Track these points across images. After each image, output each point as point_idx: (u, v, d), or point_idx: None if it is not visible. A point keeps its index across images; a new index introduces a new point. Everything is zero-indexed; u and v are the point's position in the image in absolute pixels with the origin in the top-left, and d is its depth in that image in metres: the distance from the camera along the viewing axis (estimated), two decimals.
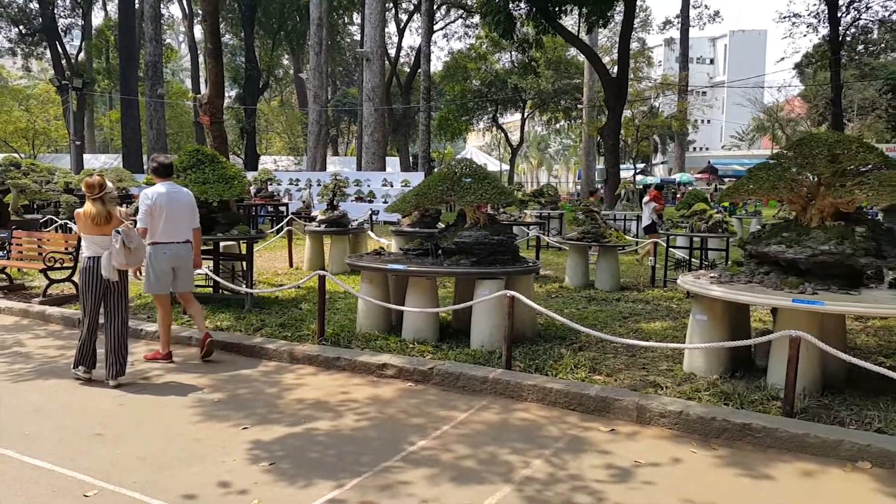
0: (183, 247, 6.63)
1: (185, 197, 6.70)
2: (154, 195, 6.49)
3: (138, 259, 6.03)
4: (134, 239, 5.87)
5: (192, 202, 6.76)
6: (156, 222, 6.47)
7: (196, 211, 6.81)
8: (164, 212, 6.47)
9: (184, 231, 6.63)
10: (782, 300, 5.10)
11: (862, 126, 44.04)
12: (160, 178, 6.66)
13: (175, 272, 6.62)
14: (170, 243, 6.53)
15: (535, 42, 25.70)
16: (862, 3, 31.90)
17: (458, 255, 6.91)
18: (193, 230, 6.74)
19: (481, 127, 50.74)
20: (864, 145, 5.32)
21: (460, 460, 4.39)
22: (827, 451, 4.43)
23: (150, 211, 6.45)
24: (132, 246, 5.83)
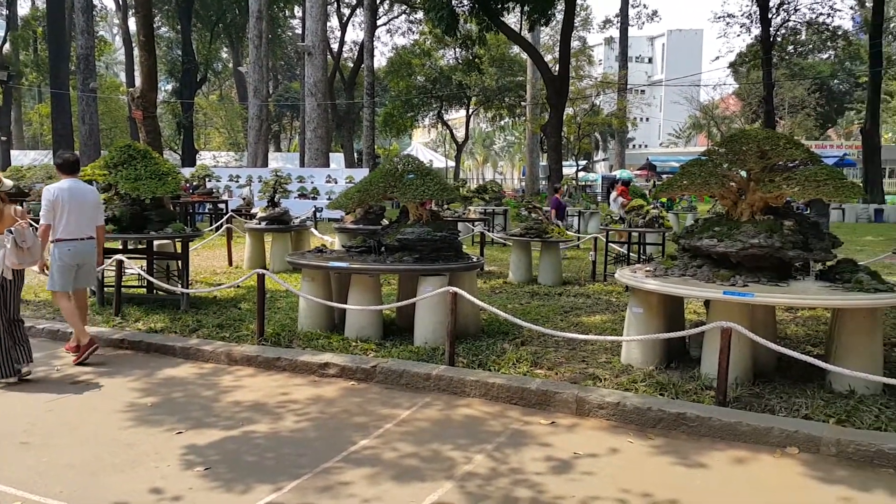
0: (87, 243, 6.54)
1: (88, 193, 6.62)
2: (56, 191, 6.38)
3: (34, 258, 5.93)
4: (28, 238, 5.74)
5: (96, 199, 6.71)
6: (58, 219, 6.35)
7: (100, 207, 6.77)
8: (67, 208, 6.36)
9: (87, 227, 6.54)
10: (714, 292, 5.25)
11: (793, 123, 45.79)
12: (64, 175, 6.57)
13: (78, 269, 6.51)
14: (73, 240, 6.43)
15: (479, 39, 25.80)
16: (791, 6, 33.16)
17: (401, 252, 6.87)
18: (97, 227, 6.68)
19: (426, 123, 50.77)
20: (791, 142, 5.52)
21: (402, 458, 4.37)
22: (758, 438, 4.58)
23: (53, 207, 6.33)
24: (26, 245, 5.70)
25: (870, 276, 5.36)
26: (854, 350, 5.29)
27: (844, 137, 54.16)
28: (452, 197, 7.24)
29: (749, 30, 35.74)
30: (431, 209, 7.46)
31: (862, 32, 39.16)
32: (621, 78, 40.66)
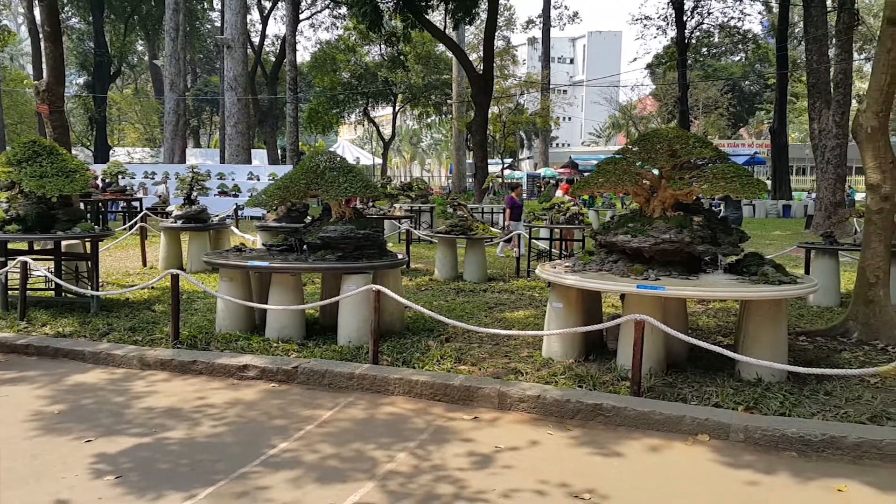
0: None
1: None
2: None
3: None
4: None
5: None
6: None
7: None
8: None
9: None
10: (628, 286, 5.41)
11: (706, 123, 47.72)
12: None
13: None
14: None
15: (404, 36, 25.73)
16: (704, 9, 34.54)
17: (324, 251, 6.78)
18: None
19: (353, 120, 50.24)
20: (700, 141, 5.74)
21: (324, 460, 4.32)
22: (671, 426, 4.75)
23: None
24: None
25: (775, 268, 5.64)
26: (760, 340, 5.56)
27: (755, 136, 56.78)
28: (376, 194, 7.18)
29: (665, 32, 37.07)
30: (355, 207, 7.39)
31: (770, 36, 41.21)
32: (544, 78, 41.40)
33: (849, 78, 18.91)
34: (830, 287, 8.93)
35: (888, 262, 7.03)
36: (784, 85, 31.27)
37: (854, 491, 3.91)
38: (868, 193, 7.01)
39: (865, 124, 6.90)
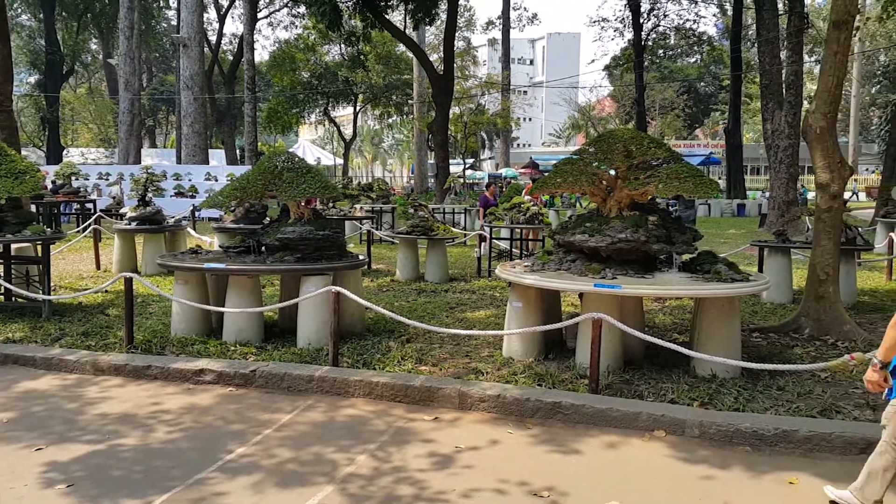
0: None
1: None
2: None
3: None
4: None
5: None
6: None
7: None
8: None
9: None
10: (586, 285, 5.48)
11: (663, 124, 48.54)
12: None
13: None
14: None
15: (364, 36, 25.63)
16: (661, 11, 35.13)
17: (282, 252, 6.71)
18: None
19: (313, 120, 49.82)
20: (654, 141, 5.84)
21: (282, 464, 4.27)
22: (628, 423, 4.81)
23: None
24: None
25: (727, 266, 5.76)
26: (714, 336, 5.68)
27: (711, 137, 57.97)
28: (335, 195, 7.13)
29: (622, 34, 37.59)
30: (314, 208, 7.32)
31: (724, 39, 42.11)
32: (504, 78, 41.61)
33: (800, 79, 19.42)
34: (783, 284, 9.17)
35: (837, 260, 7.25)
36: (738, 86, 31.97)
37: (805, 483, 4.01)
38: (818, 192, 7.22)
39: (815, 125, 7.10)
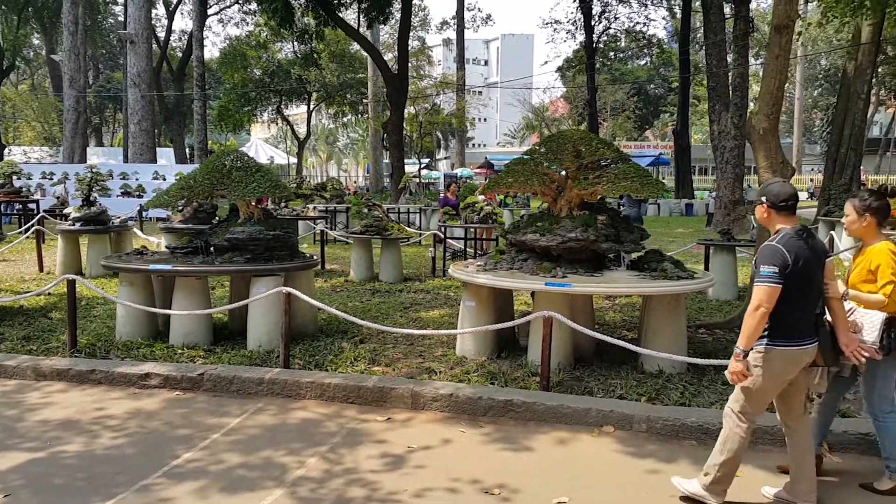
0: None
1: None
2: None
3: None
4: None
5: None
6: None
7: None
8: None
9: None
10: (537, 284, 5.53)
11: (614, 125, 49.32)
12: None
13: None
14: None
15: (317, 33, 25.36)
16: (611, 14, 35.69)
17: (232, 252, 6.59)
18: None
19: (266, 118, 49.11)
20: (602, 142, 5.94)
21: (231, 469, 4.20)
22: (578, 419, 4.88)
23: None
24: None
25: (673, 265, 5.89)
26: (661, 333, 5.80)
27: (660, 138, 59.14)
28: (286, 194, 7.04)
29: (574, 36, 38.15)
30: (265, 207, 7.22)
31: (673, 41, 43.03)
32: (459, 79, 41.71)
33: (746, 82, 19.94)
34: (728, 281, 9.41)
35: None
36: (686, 88, 32.69)
37: (749, 474, 4.12)
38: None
39: (758, 126, 7.29)
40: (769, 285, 3.40)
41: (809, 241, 3.52)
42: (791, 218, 3.59)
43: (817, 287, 3.58)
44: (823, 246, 3.64)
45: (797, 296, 3.47)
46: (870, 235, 3.94)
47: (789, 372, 3.56)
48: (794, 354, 3.53)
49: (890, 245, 3.86)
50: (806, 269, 3.46)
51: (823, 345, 3.61)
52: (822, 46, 43.65)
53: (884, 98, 37.22)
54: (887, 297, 3.73)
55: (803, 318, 3.54)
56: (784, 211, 3.59)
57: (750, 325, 3.46)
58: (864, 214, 3.91)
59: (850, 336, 3.68)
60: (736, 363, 3.50)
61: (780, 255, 3.42)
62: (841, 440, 4.47)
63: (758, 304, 3.42)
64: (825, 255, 3.61)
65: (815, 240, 3.57)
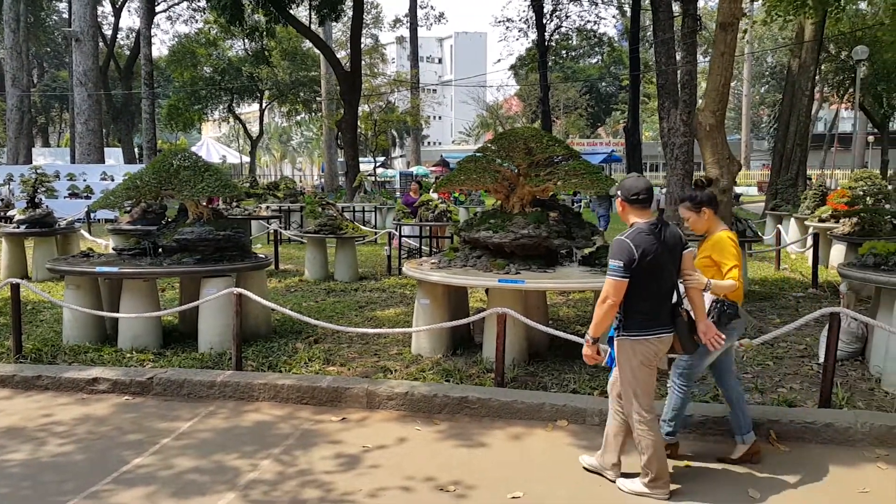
0: None
1: None
2: None
3: None
4: None
5: None
6: None
7: None
8: None
9: None
10: (490, 281, 5.56)
11: (567, 123, 49.86)
12: None
13: None
14: None
15: (267, 31, 24.97)
16: (563, 13, 36.04)
17: (181, 254, 6.47)
18: None
19: (217, 117, 48.21)
20: (553, 139, 5.99)
21: (182, 474, 4.12)
22: (532, 414, 4.92)
23: None
24: None
25: None
26: None
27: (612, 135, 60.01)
28: (235, 194, 6.93)
29: (526, 34, 38.36)
30: (215, 207, 7.10)
31: (623, 40, 43.70)
32: (413, 77, 41.62)
33: (694, 79, 20.27)
34: None
35: None
36: (637, 86, 33.20)
37: (697, 465, 4.22)
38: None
39: (704, 122, 7.47)
40: (615, 279, 3.57)
41: (661, 235, 3.65)
42: (644, 212, 3.73)
43: (669, 279, 3.72)
44: (678, 239, 3.77)
45: (647, 288, 3.62)
46: (713, 225, 4.13)
47: (650, 359, 3.72)
48: (655, 343, 3.69)
49: (728, 233, 4.06)
50: (655, 262, 3.60)
51: (681, 333, 3.77)
52: (768, 44, 44.88)
53: (827, 94, 38.42)
54: (736, 279, 3.92)
55: (656, 309, 3.69)
56: (637, 204, 3.72)
57: (597, 315, 3.66)
58: (700, 210, 4.09)
59: (707, 324, 3.84)
60: (586, 348, 3.75)
61: (627, 250, 3.57)
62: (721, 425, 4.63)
63: (605, 296, 3.61)
64: (681, 248, 3.76)
65: (668, 233, 3.69)
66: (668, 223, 3.76)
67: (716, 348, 3.87)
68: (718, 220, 4.14)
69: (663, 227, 3.67)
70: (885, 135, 34.16)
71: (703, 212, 4.08)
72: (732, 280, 3.92)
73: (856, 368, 5.81)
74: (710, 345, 3.82)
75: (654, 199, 3.77)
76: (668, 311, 3.74)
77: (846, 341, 5.90)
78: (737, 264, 3.95)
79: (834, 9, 16.86)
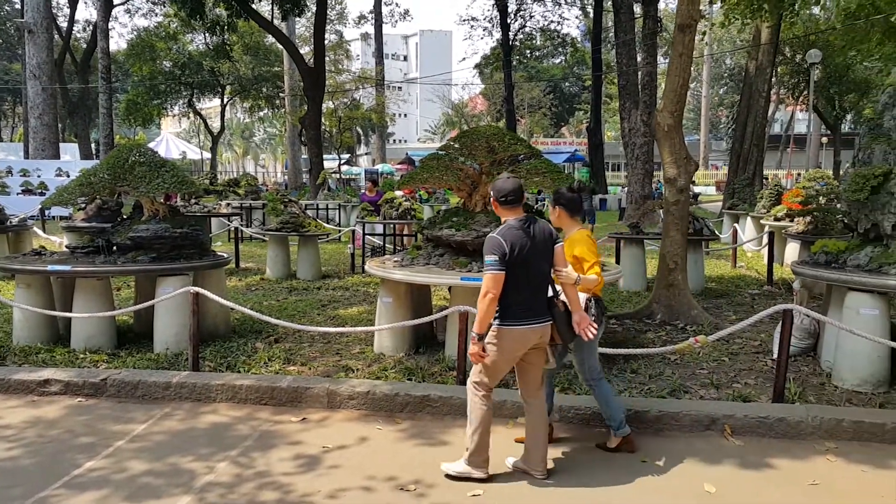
0: None
1: None
2: None
3: None
4: None
5: None
6: None
7: None
8: None
9: None
10: (453, 279, 5.55)
11: (531, 122, 50.17)
12: None
13: None
14: None
15: (229, 25, 24.59)
16: (527, 12, 36.26)
17: (136, 252, 6.32)
18: None
19: (177, 112, 47.35)
20: (514, 138, 6.01)
21: (135, 477, 4.03)
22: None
23: None
24: None
25: None
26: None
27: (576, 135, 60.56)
28: (192, 190, 6.81)
29: (491, 33, 38.49)
30: (172, 204, 6.96)
31: (586, 40, 44.10)
32: (378, 74, 41.46)
33: (654, 80, 20.67)
34: (638, 273, 9.74)
35: (685, 249, 7.78)
36: (599, 87, 33.61)
37: (654, 459, 4.27)
38: (666, 186, 7.70)
39: (662, 123, 7.56)
40: (492, 272, 3.71)
41: (531, 231, 3.80)
42: (514, 210, 3.88)
43: (540, 271, 3.86)
44: (548, 234, 3.89)
45: (520, 280, 3.76)
46: (565, 224, 4.33)
47: (518, 349, 3.87)
48: (522, 332, 3.83)
49: (585, 232, 4.27)
50: (525, 256, 3.75)
51: (559, 323, 3.92)
52: (726, 46, 45.77)
53: (783, 96, 39.34)
54: (598, 274, 4.11)
55: (530, 300, 3.84)
56: (507, 204, 3.88)
57: (481, 310, 3.76)
58: (555, 207, 4.30)
59: (581, 314, 3.99)
60: (472, 346, 3.82)
61: (499, 245, 3.71)
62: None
63: (485, 290, 3.73)
64: (551, 243, 3.89)
65: (538, 229, 3.84)
66: (538, 219, 3.93)
67: (589, 338, 4.02)
68: (574, 221, 4.31)
69: (533, 223, 3.84)
70: (838, 136, 35.14)
71: (556, 210, 4.29)
72: (595, 275, 4.10)
73: (808, 364, 5.95)
74: (584, 334, 3.97)
75: (523, 198, 3.93)
76: (542, 302, 3.89)
77: (799, 337, 6.04)
78: (597, 260, 4.16)
79: (789, 13, 17.26)
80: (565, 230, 4.33)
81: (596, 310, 4.21)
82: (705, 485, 3.93)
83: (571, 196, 4.30)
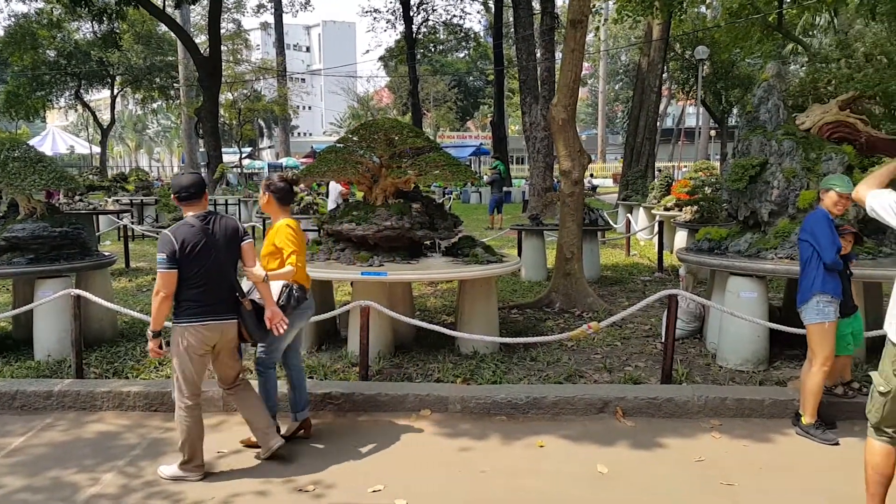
0: None
1: None
2: None
3: None
4: None
5: None
6: None
7: None
8: None
9: None
10: (353, 274, 5.49)
11: (437, 116, 50.36)
12: None
13: None
14: None
15: (118, 13, 23.28)
16: (429, 6, 36.30)
17: (11, 253, 5.89)
18: None
19: (63, 104, 44.52)
20: (413, 131, 5.99)
21: (12, 493, 3.76)
22: (396, 405, 4.91)
23: None
24: None
25: (484, 249, 6.10)
26: (475, 315, 5.99)
27: (481, 129, 61.23)
28: (73, 186, 6.41)
29: (395, 26, 38.28)
30: (51, 202, 6.53)
31: (488, 35, 44.62)
32: (279, 65, 40.45)
33: (552, 75, 21.09)
34: (538, 263, 9.95)
35: (581, 239, 8.01)
36: (501, 81, 34.10)
37: (551, 444, 4.38)
38: (562, 179, 7.90)
39: (557, 117, 7.74)
40: (162, 270, 3.71)
41: (210, 227, 3.81)
42: (193, 206, 3.87)
43: (221, 267, 3.84)
44: (232, 231, 3.91)
45: (194, 277, 3.75)
46: (272, 211, 4.37)
47: (201, 347, 3.83)
48: (198, 330, 3.79)
49: (289, 222, 4.27)
50: (200, 252, 3.74)
51: (247, 322, 3.94)
52: (621, 42, 47.46)
53: (674, 91, 41.19)
54: (294, 265, 4.14)
55: (209, 297, 3.80)
56: (185, 200, 3.88)
57: (153, 308, 3.78)
58: (265, 193, 4.33)
59: (273, 310, 4.02)
60: (150, 342, 3.83)
61: (169, 242, 3.71)
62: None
63: (157, 288, 3.75)
64: (236, 239, 3.92)
65: (221, 225, 3.85)
66: (221, 215, 3.92)
67: (280, 333, 4.04)
68: (282, 210, 4.30)
69: (214, 219, 3.83)
70: (724, 129, 37.15)
71: (266, 195, 4.28)
72: (291, 266, 4.10)
73: (695, 346, 6.26)
74: (276, 330, 3.99)
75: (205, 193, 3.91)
76: (223, 300, 3.85)
77: (685, 321, 6.35)
78: (295, 250, 4.13)
79: (678, 10, 18.08)
80: (273, 218, 4.31)
81: (289, 299, 4.12)
82: (598, 466, 4.06)
83: (283, 185, 4.27)
